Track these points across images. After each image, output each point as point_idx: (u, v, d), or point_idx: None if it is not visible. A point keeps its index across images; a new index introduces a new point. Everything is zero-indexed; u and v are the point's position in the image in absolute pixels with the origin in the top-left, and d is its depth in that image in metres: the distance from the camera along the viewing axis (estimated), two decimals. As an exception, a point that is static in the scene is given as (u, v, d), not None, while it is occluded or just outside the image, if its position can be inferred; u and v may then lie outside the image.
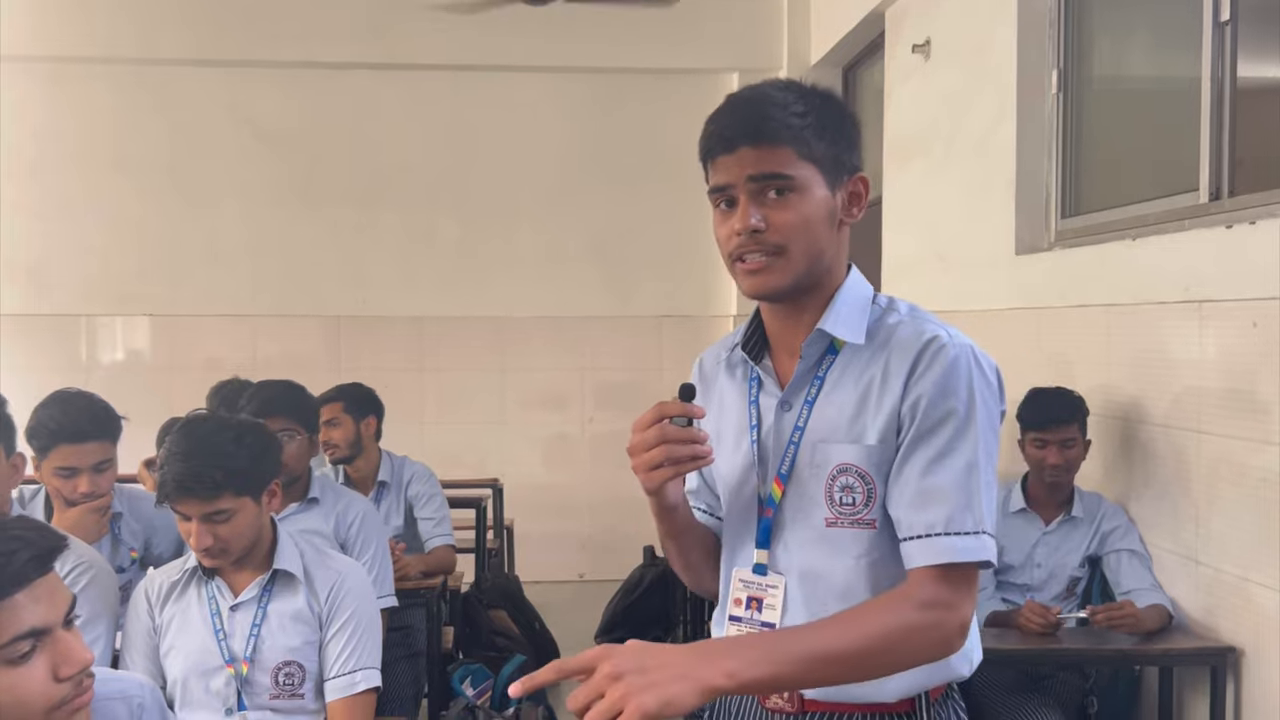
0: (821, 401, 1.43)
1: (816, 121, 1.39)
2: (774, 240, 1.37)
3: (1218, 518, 2.74)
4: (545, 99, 6.67)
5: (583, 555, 6.66)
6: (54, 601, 1.29)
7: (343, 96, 6.58)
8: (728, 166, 1.39)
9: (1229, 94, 2.89)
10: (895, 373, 1.39)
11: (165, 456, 2.11)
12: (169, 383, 6.34)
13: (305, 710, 2.19)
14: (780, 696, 1.44)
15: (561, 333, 6.74)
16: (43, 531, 1.31)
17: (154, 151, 6.52)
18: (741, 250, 1.39)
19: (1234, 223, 2.68)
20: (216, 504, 2.09)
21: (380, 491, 3.76)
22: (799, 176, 1.38)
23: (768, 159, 1.37)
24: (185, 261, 6.57)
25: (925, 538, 1.34)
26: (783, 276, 1.39)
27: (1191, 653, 2.74)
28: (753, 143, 1.37)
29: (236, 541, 2.14)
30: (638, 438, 1.34)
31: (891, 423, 1.38)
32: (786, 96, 1.40)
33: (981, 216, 4.01)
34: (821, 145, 1.39)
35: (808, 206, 1.38)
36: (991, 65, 3.96)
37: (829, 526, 1.41)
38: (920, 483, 1.35)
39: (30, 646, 1.27)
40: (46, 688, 1.27)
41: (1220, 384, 2.72)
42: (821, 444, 1.42)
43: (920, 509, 1.34)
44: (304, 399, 3.15)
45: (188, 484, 2.07)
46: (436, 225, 6.67)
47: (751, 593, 1.46)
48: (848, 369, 1.43)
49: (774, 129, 1.37)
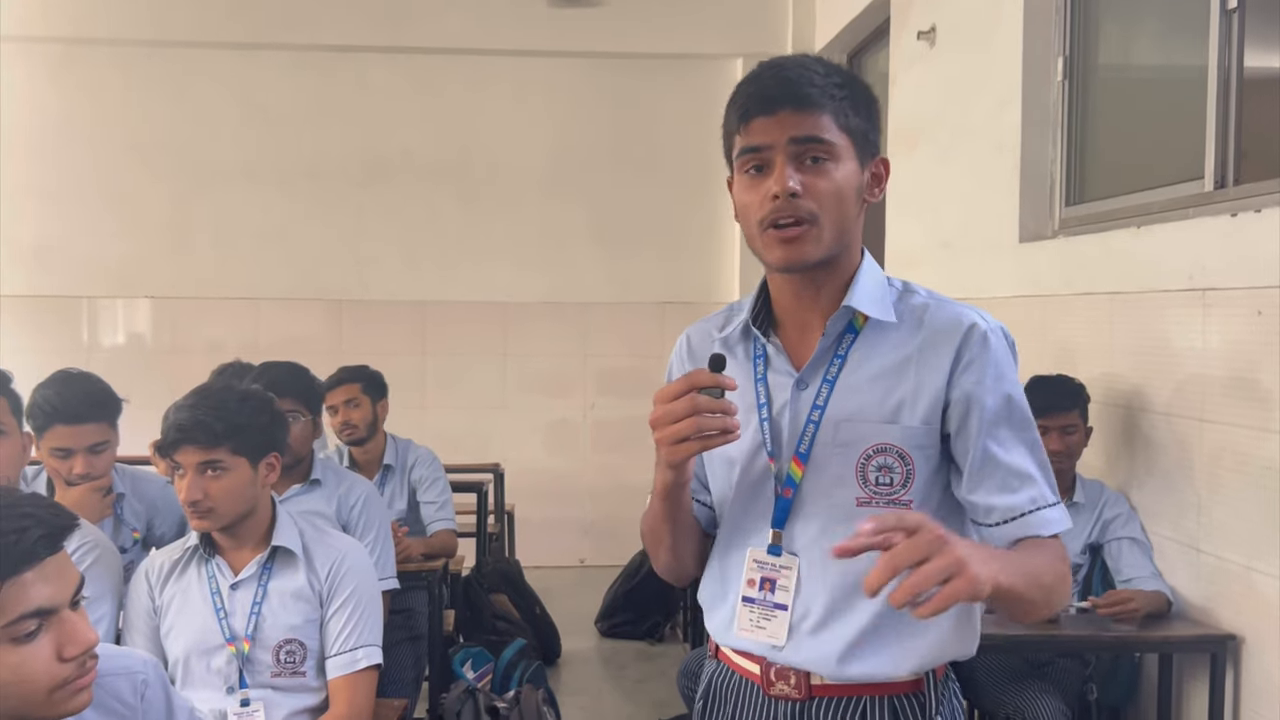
0: (844, 380, 1.41)
1: (851, 95, 1.39)
2: (809, 207, 1.35)
3: (1220, 506, 2.74)
4: (549, 84, 6.66)
5: (584, 541, 6.67)
6: (62, 581, 1.29)
7: (348, 80, 6.57)
8: (766, 128, 1.36)
9: (1235, 82, 2.88)
10: (938, 357, 1.39)
11: (172, 411, 2.13)
12: (171, 365, 6.34)
13: (307, 688, 2.19)
14: (786, 683, 1.43)
15: (563, 318, 6.74)
16: (55, 510, 1.30)
17: (159, 133, 6.52)
18: (776, 215, 1.36)
19: (1239, 211, 2.68)
20: (212, 453, 2.10)
21: (385, 475, 3.78)
22: (838, 145, 1.37)
23: (810, 123, 1.35)
24: (188, 244, 6.57)
25: (1021, 518, 1.39)
26: (817, 247, 1.37)
27: (1192, 640, 2.75)
28: (796, 106, 1.35)
29: (226, 503, 2.13)
30: (663, 409, 1.29)
31: (936, 407, 1.39)
32: (824, 68, 1.40)
33: (986, 204, 4.00)
34: (855, 119, 1.39)
35: (841, 176, 1.37)
36: (997, 52, 3.94)
37: (860, 506, 1.39)
38: (1005, 467, 1.39)
39: (36, 625, 1.26)
40: (50, 667, 1.27)
41: (1224, 372, 2.72)
42: (847, 423, 1.40)
43: (1011, 492, 1.39)
44: (308, 381, 3.16)
45: (187, 428, 2.08)
46: (440, 210, 6.66)
47: (765, 574, 1.43)
48: (875, 348, 1.42)
49: (817, 95, 1.36)
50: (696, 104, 6.66)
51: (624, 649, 5.16)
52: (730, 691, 1.50)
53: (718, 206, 6.70)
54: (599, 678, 4.80)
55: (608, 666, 4.96)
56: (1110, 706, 3.13)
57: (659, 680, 4.70)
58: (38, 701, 1.27)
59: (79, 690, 1.30)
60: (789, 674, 1.43)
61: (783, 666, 1.43)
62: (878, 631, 1.39)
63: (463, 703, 3.36)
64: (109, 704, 1.41)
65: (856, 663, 1.39)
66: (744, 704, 1.48)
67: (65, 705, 1.29)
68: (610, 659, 5.04)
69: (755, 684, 1.46)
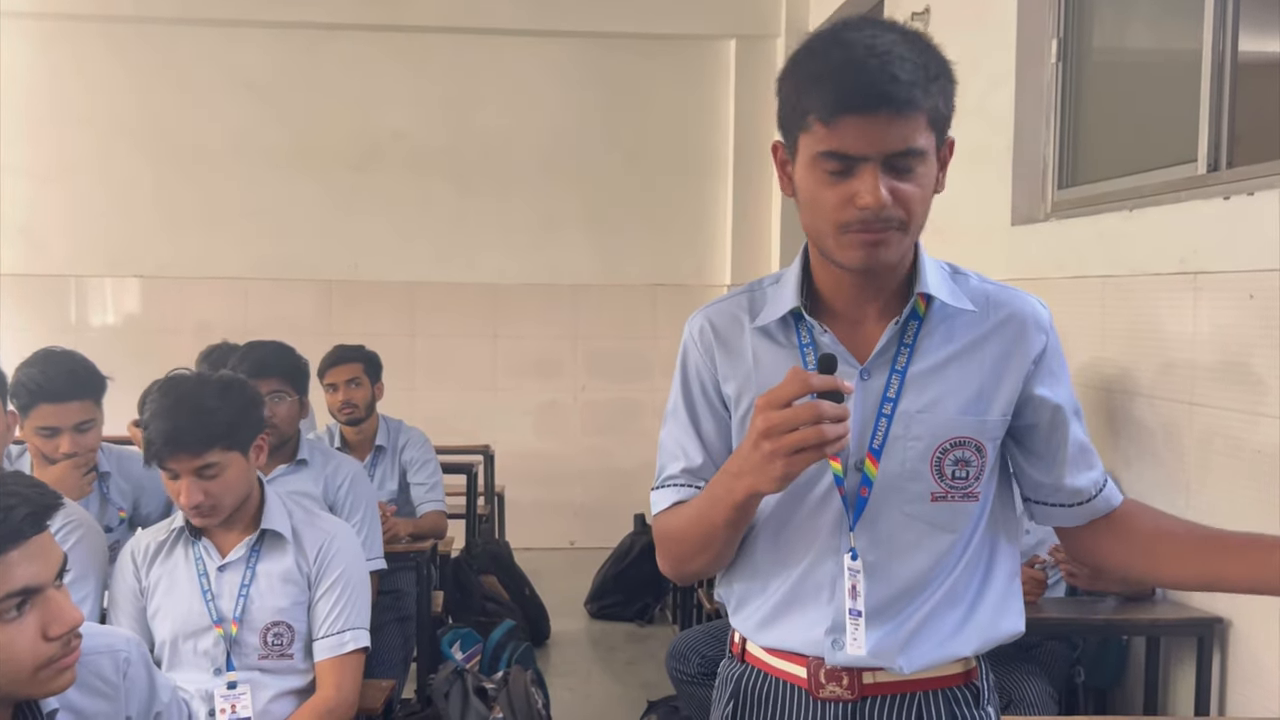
0: (915, 370, 1.35)
1: (942, 83, 1.29)
2: (898, 215, 1.26)
3: (1209, 489, 2.75)
4: (541, 64, 6.61)
5: (574, 522, 6.67)
6: (47, 560, 1.28)
7: (339, 58, 6.52)
8: (864, 132, 1.23)
9: (1229, 65, 2.87)
10: (1014, 347, 1.37)
11: (149, 416, 2.10)
12: (159, 345, 6.30)
13: (294, 670, 2.19)
14: (838, 684, 1.37)
15: (554, 300, 6.72)
16: (39, 489, 1.29)
17: (148, 111, 6.47)
18: (861, 225, 1.26)
19: (1232, 194, 2.67)
20: (205, 458, 2.08)
21: (376, 456, 3.77)
22: (928, 148, 1.28)
23: (910, 131, 1.24)
24: (177, 223, 6.53)
25: (1100, 493, 1.45)
26: (899, 250, 1.30)
27: (1179, 623, 2.75)
28: (896, 109, 1.22)
29: (227, 497, 2.13)
30: (780, 416, 1.17)
31: (1013, 398, 1.37)
32: (916, 52, 1.25)
33: (978, 188, 3.99)
34: (946, 110, 1.30)
35: (928, 178, 1.30)
36: (991, 33, 3.92)
37: (935, 501, 1.35)
38: (1080, 444, 1.44)
39: (21, 604, 1.26)
40: (35, 646, 1.26)
41: (1215, 356, 2.72)
42: (923, 415, 1.34)
43: (1087, 468, 1.44)
44: (295, 361, 3.14)
45: (175, 440, 2.06)
46: (430, 190, 6.63)
47: (854, 580, 1.35)
48: (945, 335, 1.37)
49: (919, 96, 1.23)
50: (689, 85, 6.64)
51: (613, 630, 5.16)
52: (767, 696, 1.43)
53: (710, 188, 6.68)
54: (588, 659, 4.81)
55: (597, 648, 4.96)
56: (1097, 689, 3.13)
57: (648, 662, 4.71)
58: (22, 680, 1.27)
59: (64, 669, 1.29)
60: (841, 675, 1.37)
61: (835, 668, 1.37)
62: (936, 618, 1.36)
63: (451, 683, 3.36)
64: (91, 682, 1.41)
65: (920, 654, 1.36)
66: (786, 708, 1.41)
67: (50, 684, 1.29)
68: (599, 640, 5.05)
69: (799, 687, 1.40)
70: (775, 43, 6.42)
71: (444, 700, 3.29)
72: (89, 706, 1.39)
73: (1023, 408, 1.39)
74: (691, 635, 3.23)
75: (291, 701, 2.18)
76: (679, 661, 3.15)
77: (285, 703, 2.17)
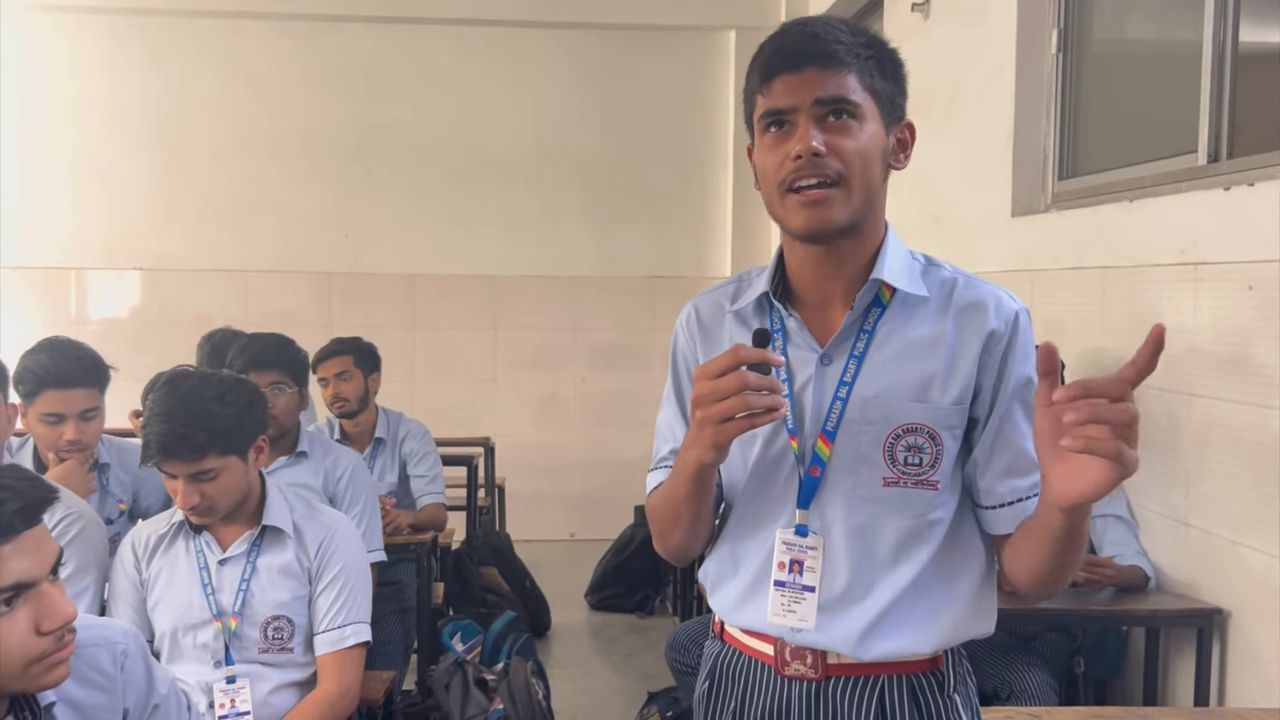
0: (872, 356, 1.37)
1: (878, 57, 1.35)
2: (834, 166, 1.30)
3: (1209, 480, 2.75)
4: (542, 55, 6.60)
5: (574, 514, 6.67)
6: (40, 554, 1.27)
7: (339, 50, 6.51)
8: (792, 87, 1.31)
9: (1230, 56, 2.86)
10: (970, 337, 1.36)
11: (148, 416, 2.08)
12: (159, 337, 6.31)
13: (294, 664, 2.19)
14: (802, 663, 1.39)
15: (554, 292, 6.72)
16: (33, 482, 1.28)
17: (147, 103, 6.46)
18: (798, 176, 1.30)
19: (1232, 185, 2.66)
20: (202, 464, 2.07)
21: (376, 448, 3.76)
22: (863, 105, 1.32)
23: (836, 81, 1.30)
24: (177, 215, 6.52)
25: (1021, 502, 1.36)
26: (843, 210, 1.31)
27: (1179, 614, 2.75)
28: (822, 64, 1.30)
29: (223, 499, 2.13)
30: (709, 386, 1.20)
31: (968, 387, 1.36)
32: (851, 28, 1.35)
33: (979, 178, 3.98)
34: (882, 82, 1.35)
35: (867, 137, 1.32)
36: (991, 24, 3.91)
37: (887, 486, 1.36)
38: (1020, 448, 1.36)
39: (13, 598, 1.25)
40: (27, 640, 1.25)
41: (1215, 347, 2.71)
42: (877, 400, 1.36)
43: (1023, 474, 1.36)
44: (294, 352, 3.14)
45: (171, 445, 2.05)
46: (430, 182, 6.62)
47: (794, 555, 1.38)
48: (904, 323, 1.38)
49: (843, 52, 1.31)
50: (689, 76, 6.63)
51: (613, 622, 5.17)
52: (739, 673, 1.46)
53: (710, 180, 6.67)
54: (588, 650, 4.81)
55: (597, 639, 4.97)
56: (1097, 680, 3.14)
57: (648, 653, 4.71)
58: (13, 675, 1.26)
59: (56, 664, 1.28)
60: (805, 654, 1.39)
61: (799, 646, 1.39)
62: (899, 611, 1.36)
63: (451, 675, 3.36)
64: (88, 675, 1.40)
65: (878, 642, 1.37)
66: (755, 685, 1.43)
67: (41, 679, 1.28)
68: (599, 632, 5.06)
69: (767, 665, 1.42)
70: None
71: (444, 692, 3.29)
72: (86, 699, 1.38)
73: (976, 395, 1.37)
74: (691, 626, 3.24)
75: (291, 694, 2.18)
76: (679, 653, 3.15)
77: (285, 695, 2.17)
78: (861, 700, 1.38)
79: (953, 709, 1.41)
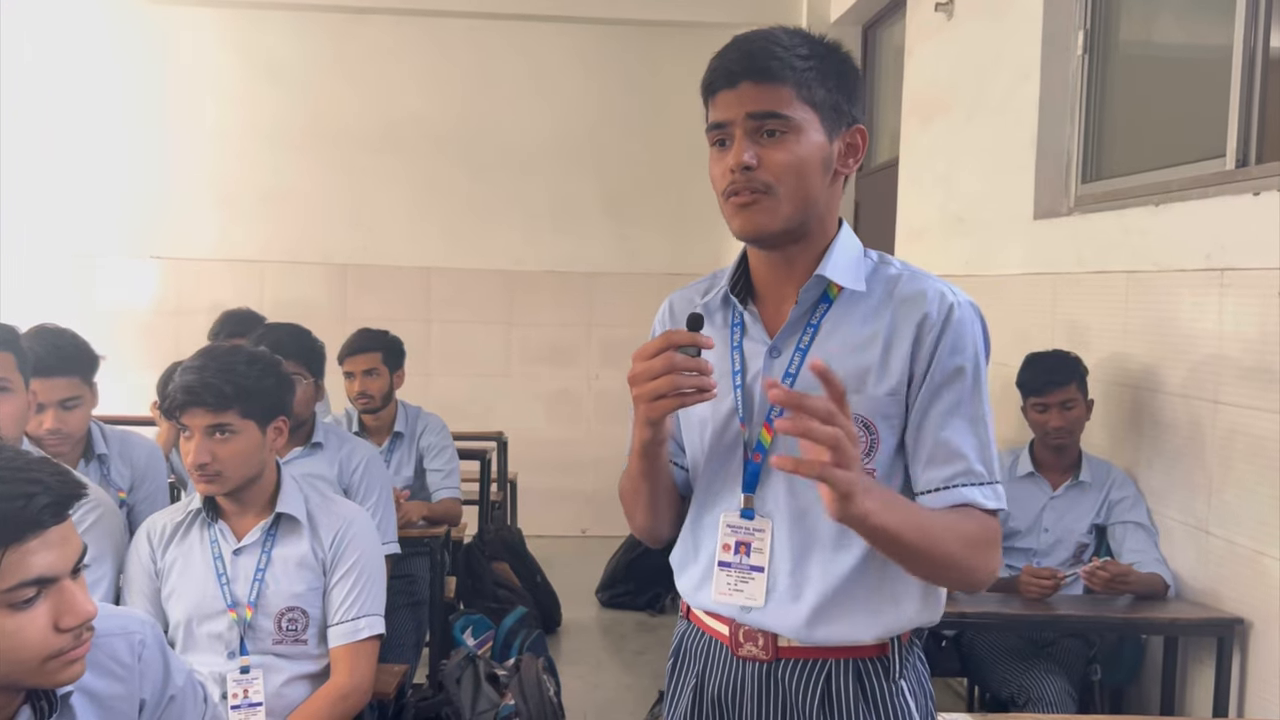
0: (815, 349, 1.43)
1: (820, 66, 1.39)
2: (763, 179, 1.36)
3: (1232, 489, 2.71)
4: (561, 50, 6.59)
5: (586, 511, 6.66)
6: (65, 550, 1.26)
7: (359, 43, 6.51)
8: (728, 103, 1.38)
9: (1261, 61, 2.83)
10: (904, 327, 1.40)
11: (179, 373, 2.11)
12: (174, 326, 6.33)
13: (308, 655, 2.18)
14: (754, 644, 1.45)
15: (569, 288, 6.71)
16: (63, 478, 1.27)
17: (164, 91, 6.47)
18: (732, 188, 1.38)
19: (1261, 190, 2.63)
20: (221, 417, 2.07)
21: (394, 441, 3.75)
22: (796, 118, 1.37)
23: (768, 97, 1.36)
24: (194, 204, 6.53)
25: (945, 489, 1.39)
26: (771, 217, 1.38)
27: (1199, 623, 2.73)
28: (755, 79, 1.36)
29: (233, 466, 2.11)
30: (641, 366, 1.31)
31: (902, 377, 1.40)
32: (792, 40, 1.39)
33: (1001, 180, 3.95)
34: (822, 91, 1.39)
35: (802, 149, 1.37)
36: (1016, 24, 3.88)
37: None
38: (937, 438, 1.39)
39: (34, 593, 1.23)
40: (45, 636, 1.24)
41: (1241, 354, 2.68)
42: (817, 390, 1.36)
43: (940, 464, 1.40)
44: (311, 344, 3.13)
45: (196, 391, 2.06)
46: (447, 175, 6.61)
47: (740, 537, 1.45)
48: (845, 318, 1.43)
49: (777, 67, 1.36)
50: (707, 73, 6.59)
51: (624, 619, 5.15)
52: (699, 651, 1.53)
53: (727, 177, 6.64)
54: (598, 648, 4.80)
55: (608, 636, 4.95)
56: (1113, 687, 3.11)
57: (658, 650, 4.70)
58: (29, 670, 1.24)
59: (72, 661, 1.27)
60: (757, 635, 1.45)
61: (751, 628, 1.45)
62: (845, 596, 1.41)
63: (463, 669, 3.35)
64: (106, 665, 1.39)
65: (823, 626, 1.42)
66: (712, 663, 1.50)
67: (57, 675, 1.27)
68: (610, 629, 5.04)
69: (724, 644, 1.49)
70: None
71: (455, 686, 3.28)
72: (104, 689, 1.37)
73: (908, 388, 1.41)
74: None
75: (304, 686, 2.17)
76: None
77: (298, 687, 2.16)
78: (808, 682, 1.44)
79: (898, 694, 1.45)
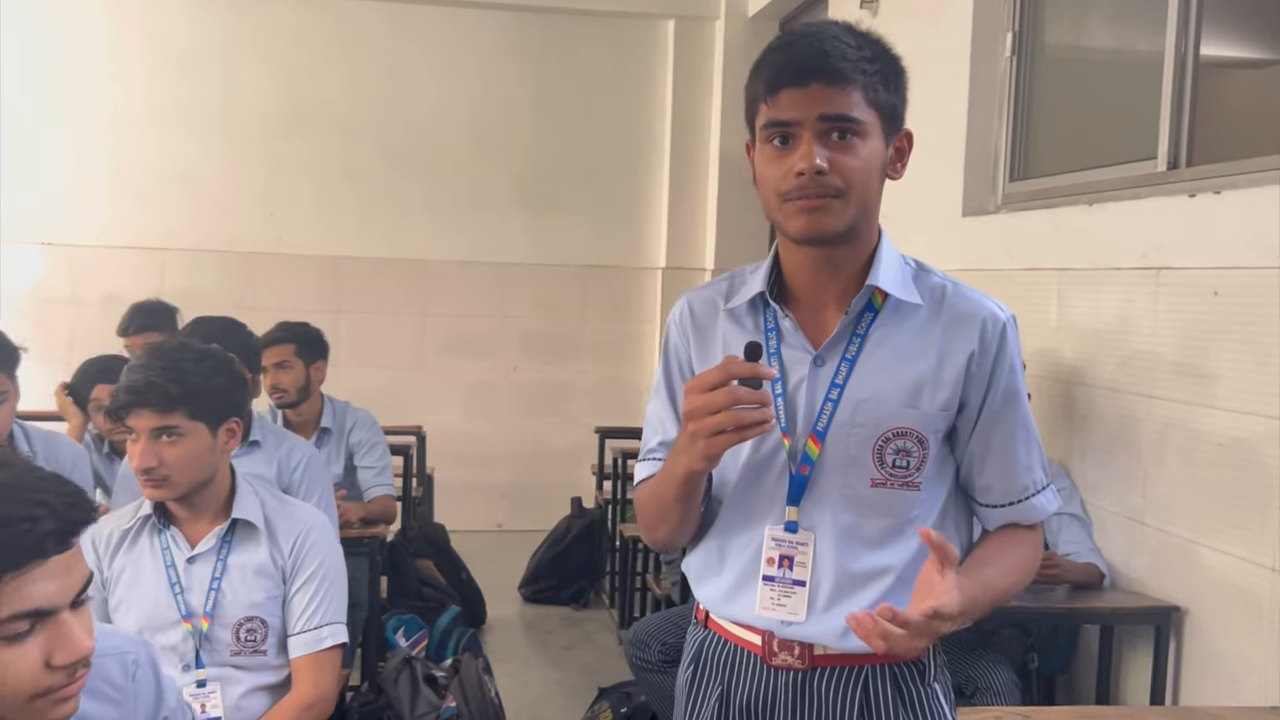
0: (864, 360, 1.41)
1: (883, 69, 1.38)
2: (834, 183, 1.33)
3: (1166, 481, 2.81)
4: (476, 36, 6.47)
5: (502, 505, 6.57)
6: (67, 581, 1.15)
7: (263, 21, 6.28)
8: (795, 102, 1.33)
9: (1192, 66, 2.92)
10: (959, 345, 1.41)
11: (125, 373, 2.01)
12: (67, 316, 6.04)
13: (268, 666, 2.09)
14: (790, 654, 1.43)
15: (485, 278, 6.60)
16: (72, 500, 1.16)
17: (59, 72, 6.14)
18: (800, 191, 1.34)
19: (1198, 192, 2.72)
20: (168, 418, 1.98)
21: (322, 438, 3.63)
22: (866, 121, 1.35)
23: (841, 99, 1.33)
24: (89, 190, 6.22)
25: (1018, 503, 1.46)
26: (839, 219, 1.35)
27: (1137, 611, 2.81)
28: (828, 81, 1.33)
29: (181, 470, 2.01)
30: (700, 400, 1.24)
31: (955, 393, 1.41)
32: (858, 40, 1.37)
33: (931, 178, 4.01)
34: (885, 94, 1.37)
35: (867, 152, 1.36)
36: (944, 24, 3.94)
37: (875, 487, 1.41)
38: (1003, 457, 1.45)
39: (29, 626, 1.12)
40: (36, 673, 1.13)
41: (1174, 351, 2.77)
42: (867, 403, 1.40)
43: (1009, 481, 1.46)
44: (245, 338, 3.02)
45: (140, 390, 1.96)
46: (358, 162, 6.43)
47: (784, 550, 1.43)
48: (895, 328, 1.42)
49: (850, 70, 1.33)
50: (627, 64, 6.56)
51: (549, 614, 5.11)
52: (723, 660, 1.49)
53: (646, 170, 6.63)
54: (525, 644, 4.74)
55: (533, 632, 4.90)
56: (1047, 676, 3.20)
57: (586, 646, 4.67)
58: (16, 706, 1.14)
59: (64, 700, 1.16)
60: (793, 645, 1.43)
61: (787, 639, 1.43)
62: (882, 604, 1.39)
63: (399, 671, 3.27)
64: (99, 687, 1.30)
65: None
66: (740, 673, 1.47)
67: (46, 714, 1.16)
68: (535, 625, 4.99)
69: (754, 654, 1.46)
70: (714, 25, 6.38)
71: (394, 688, 3.21)
72: (97, 713, 1.28)
73: (962, 401, 1.43)
74: (652, 622, 3.20)
75: (263, 698, 2.08)
76: (639, 649, 3.11)
77: (257, 699, 2.08)
78: (847, 689, 1.43)
79: (934, 697, 1.46)
